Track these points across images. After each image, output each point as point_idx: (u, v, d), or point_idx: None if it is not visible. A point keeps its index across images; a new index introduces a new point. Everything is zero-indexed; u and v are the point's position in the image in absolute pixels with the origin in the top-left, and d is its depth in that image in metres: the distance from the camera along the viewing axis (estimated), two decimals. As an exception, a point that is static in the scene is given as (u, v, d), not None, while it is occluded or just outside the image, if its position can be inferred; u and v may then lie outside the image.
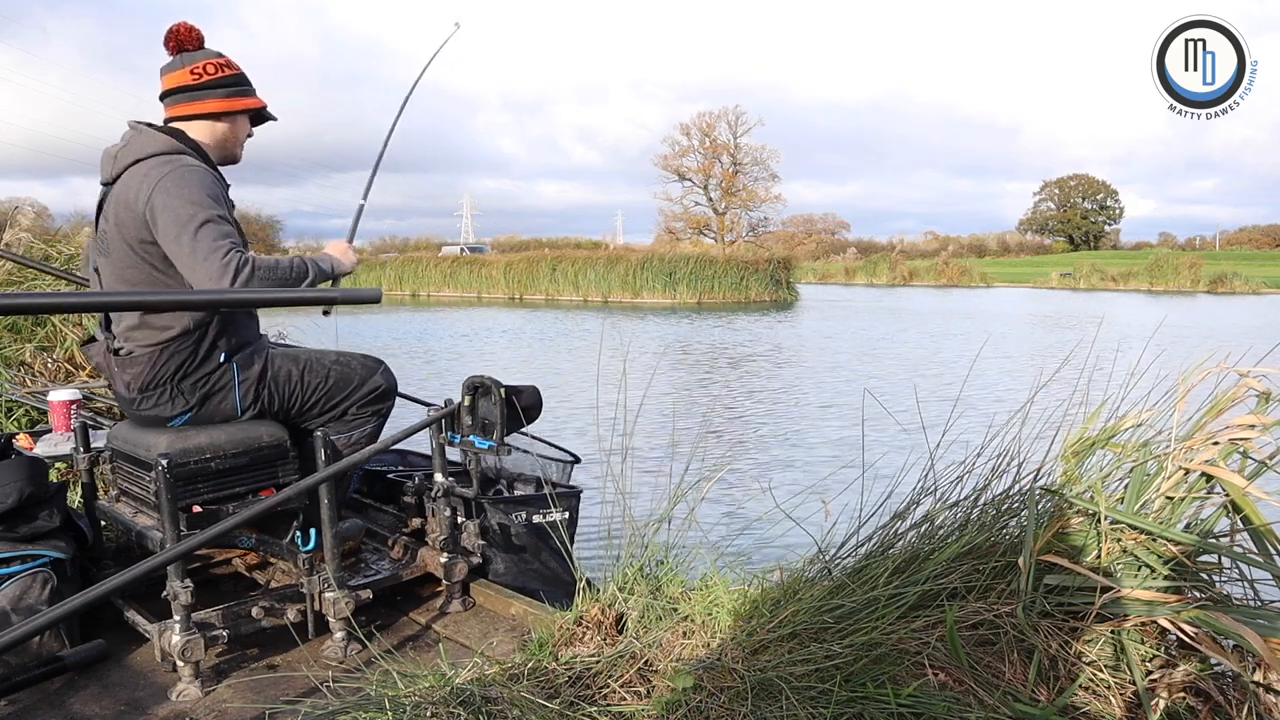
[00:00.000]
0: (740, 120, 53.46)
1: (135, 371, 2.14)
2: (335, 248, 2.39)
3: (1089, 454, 2.01)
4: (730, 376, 10.89)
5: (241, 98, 2.27)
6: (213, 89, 2.22)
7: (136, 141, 2.14)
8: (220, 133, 2.26)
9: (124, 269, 2.13)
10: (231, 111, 2.25)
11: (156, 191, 2.04)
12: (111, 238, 2.13)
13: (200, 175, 2.10)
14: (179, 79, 2.21)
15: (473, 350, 13.88)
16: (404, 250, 45.95)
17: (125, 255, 2.11)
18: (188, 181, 2.06)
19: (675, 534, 2.25)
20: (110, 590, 1.22)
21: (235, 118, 2.28)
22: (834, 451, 6.35)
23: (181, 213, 2.02)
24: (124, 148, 2.15)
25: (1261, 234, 70.81)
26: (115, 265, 2.14)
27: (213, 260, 2.00)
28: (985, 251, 70.36)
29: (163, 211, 2.04)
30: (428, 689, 1.67)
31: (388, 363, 2.51)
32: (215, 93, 2.22)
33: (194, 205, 2.03)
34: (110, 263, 2.15)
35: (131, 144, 2.14)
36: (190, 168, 2.10)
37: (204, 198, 2.05)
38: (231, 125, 2.28)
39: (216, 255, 2.00)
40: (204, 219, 2.02)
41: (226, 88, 2.24)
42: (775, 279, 27.66)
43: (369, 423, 2.43)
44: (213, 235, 2.02)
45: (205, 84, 2.21)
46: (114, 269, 2.15)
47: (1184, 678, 1.62)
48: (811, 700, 1.59)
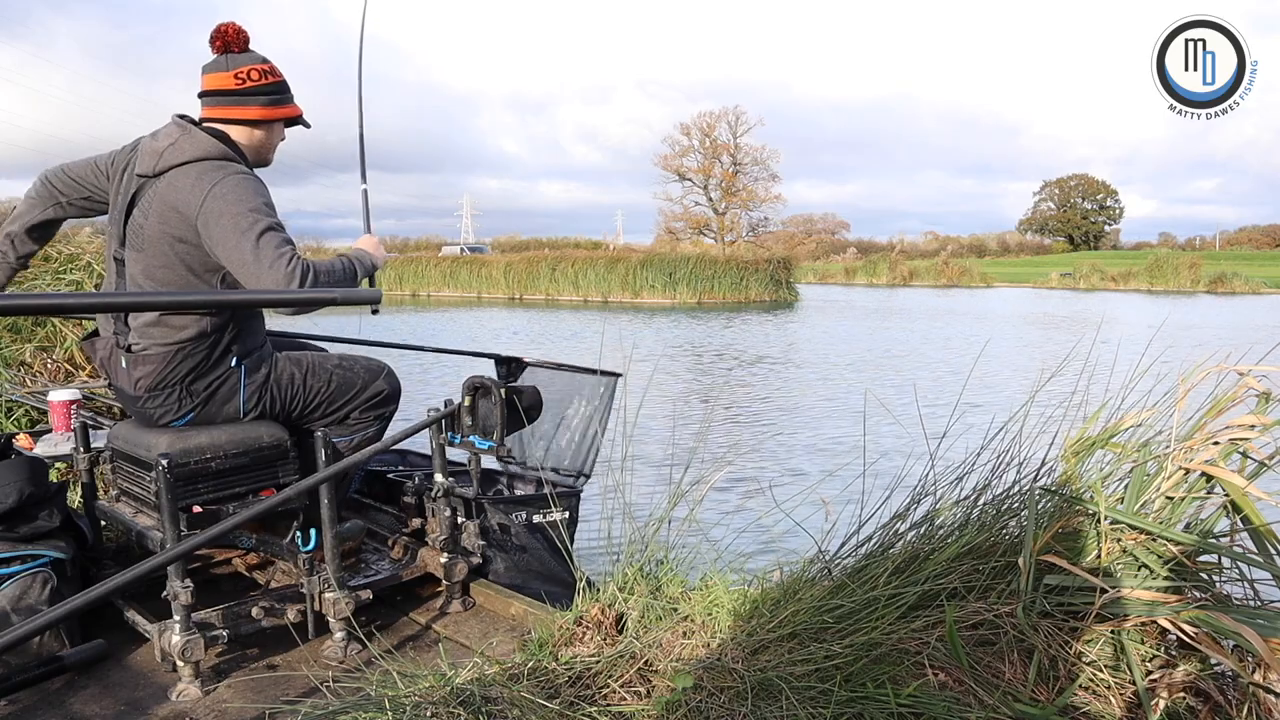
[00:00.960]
0: (740, 120, 53.53)
1: (146, 370, 2.11)
2: (367, 243, 2.36)
3: (1089, 454, 2.01)
4: (731, 376, 10.88)
5: (281, 106, 2.25)
6: (255, 95, 2.20)
7: (185, 142, 2.11)
8: (257, 139, 2.25)
9: (156, 267, 2.10)
10: (271, 120, 2.25)
11: (211, 197, 2.03)
12: (151, 234, 2.10)
13: (254, 183, 2.10)
14: (222, 81, 2.18)
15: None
16: (404, 250, 45.93)
17: (163, 254, 2.09)
18: (245, 189, 2.05)
19: (675, 534, 2.26)
20: (110, 590, 1.22)
21: (273, 125, 2.28)
22: (834, 451, 6.35)
23: (242, 221, 2.01)
24: (171, 146, 2.11)
25: (1261, 234, 70.77)
26: (147, 261, 2.11)
27: (279, 267, 1.99)
28: (985, 251, 70.34)
29: (219, 218, 2.02)
30: (428, 689, 1.68)
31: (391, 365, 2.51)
32: (257, 99, 2.20)
33: (254, 213, 2.03)
34: (142, 258, 2.12)
35: (180, 143, 2.11)
36: (244, 175, 2.10)
37: (261, 205, 2.05)
38: (268, 132, 2.27)
39: (282, 262, 2.00)
40: (265, 226, 2.02)
41: (269, 95, 2.22)
42: (775, 279, 27.65)
43: (371, 426, 2.43)
44: (275, 243, 2.02)
45: (248, 90, 2.19)
46: (144, 265, 2.12)
47: (1184, 678, 1.62)
48: (811, 700, 1.59)
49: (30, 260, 2.38)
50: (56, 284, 4.99)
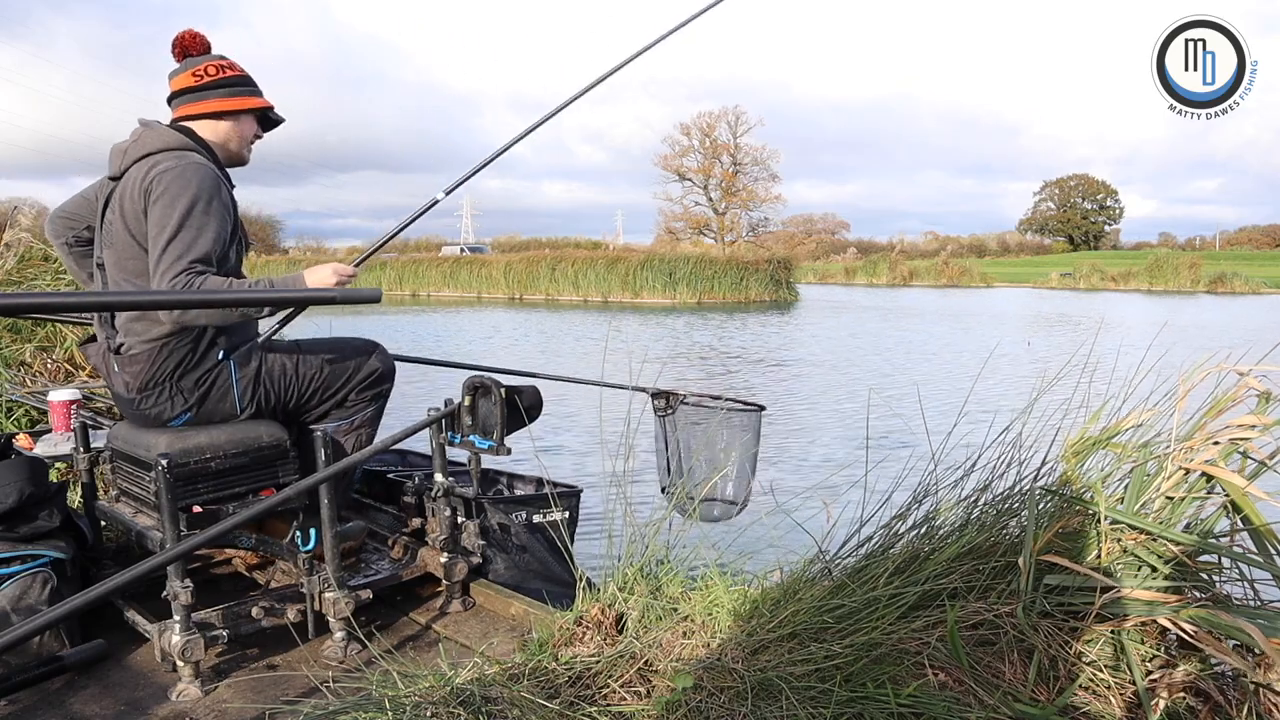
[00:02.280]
0: (740, 120, 53.56)
1: (135, 370, 2.14)
2: (315, 272, 2.28)
3: (1089, 454, 2.01)
4: (731, 376, 10.88)
5: (242, 97, 2.29)
6: (214, 88, 2.25)
7: (146, 137, 2.17)
8: (223, 131, 2.28)
9: (125, 259, 2.15)
10: (233, 110, 2.27)
11: (155, 183, 2.07)
12: (116, 228, 2.15)
13: (202, 174, 2.10)
14: (182, 81, 2.26)
15: (475, 350, 13.88)
16: (404, 250, 45.93)
17: (127, 245, 2.13)
18: (187, 181, 2.07)
19: (675, 534, 2.25)
20: (110, 590, 1.22)
21: (238, 117, 2.30)
22: (835, 451, 6.35)
23: (163, 218, 2.04)
24: (134, 143, 2.18)
25: (1261, 234, 70.72)
26: (118, 255, 2.16)
27: (162, 281, 2.01)
28: (985, 251, 70.29)
29: (153, 205, 2.06)
30: (428, 689, 1.67)
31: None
32: (216, 92, 2.26)
33: (177, 213, 2.03)
34: (114, 253, 2.17)
35: (142, 139, 2.17)
36: (195, 165, 2.11)
37: (192, 203, 2.05)
38: (235, 124, 2.29)
39: (166, 276, 2.01)
40: (175, 230, 2.02)
41: (228, 87, 2.27)
42: (775, 279, 27.65)
43: (369, 406, 2.43)
44: (174, 253, 2.02)
45: (207, 84, 2.25)
46: (116, 259, 2.17)
47: (1184, 678, 1.62)
48: (811, 700, 1.59)
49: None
50: (56, 284, 4.99)
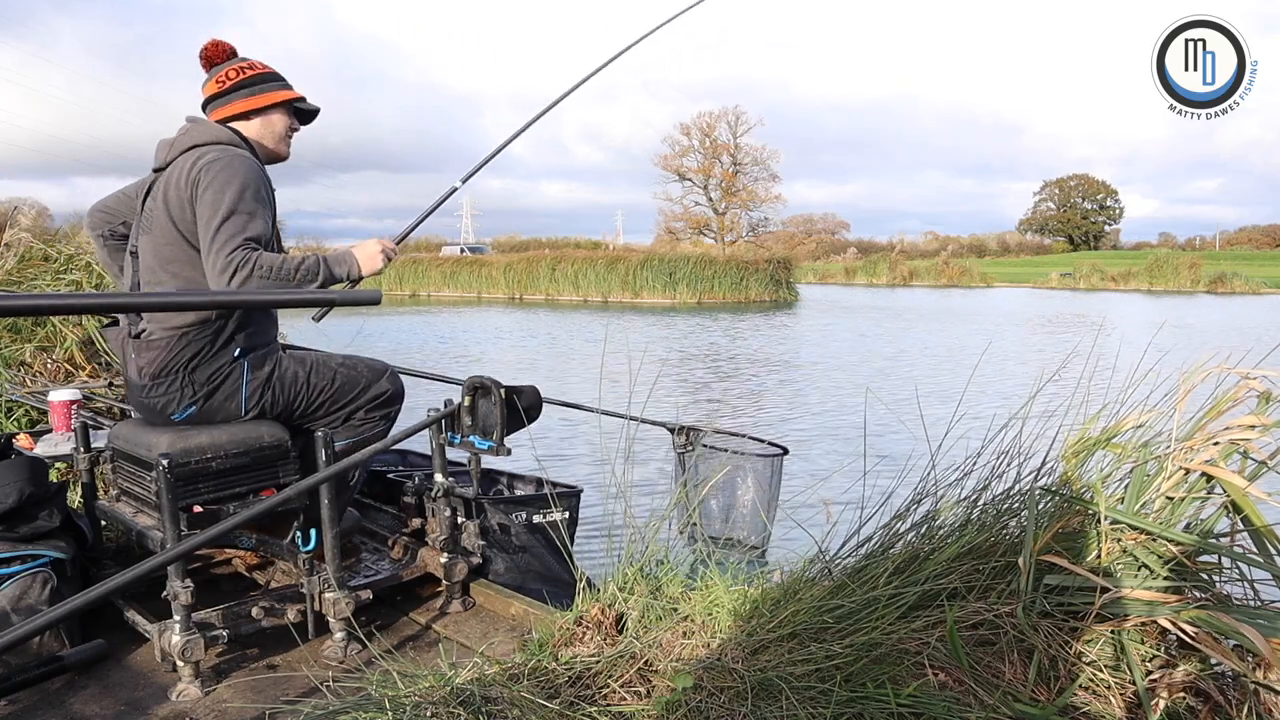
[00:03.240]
0: (740, 120, 53.53)
1: (151, 356, 2.16)
2: (364, 248, 2.34)
3: (1089, 454, 2.01)
4: (731, 376, 10.89)
5: (265, 94, 2.33)
6: (235, 91, 2.31)
7: (195, 130, 2.24)
8: (255, 130, 2.34)
9: (162, 245, 2.19)
10: (258, 109, 2.32)
11: (203, 173, 2.12)
12: (157, 215, 2.20)
13: (248, 166, 2.16)
14: (209, 89, 2.33)
15: (475, 349, 13.88)
16: (404, 250, 45.90)
17: (166, 231, 2.18)
18: (235, 170, 2.12)
19: (675, 534, 2.25)
20: (110, 590, 1.22)
21: (265, 114, 2.34)
22: (834, 451, 6.35)
23: (215, 202, 2.09)
24: (181, 135, 2.24)
25: (1261, 234, 70.68)
26: (155, 241, 2.20)
27: (219, 257, 2.05)
28: (985, 251, 70.26)
29: (203, 193, 2.10)
30: (428, 689, 1.67)
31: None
32: (239, 94, 2.32)
33: (229, 198, 2.09)
34: (151, 239, 2.22)
35: (190, 132, 2.24)
36: (241, 157, 2.17)
37: (242, 190, 2.11)
38: (264, 121, 2.34)
39: (223, 252, 2.05)
40: (228, 212, 2.07)
41: (248, 87, 2.32)
42: (775, 279, 27.65)
43: (376, 427, 2.43)
44: (229, 231, 2.07)
45: (229, 89, 2.31)
46: (153, 245, 2.21)
47: (1184, 678, 1.62)
48: (811, 700, 1.59)
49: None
50: (56, 284, 4.99)
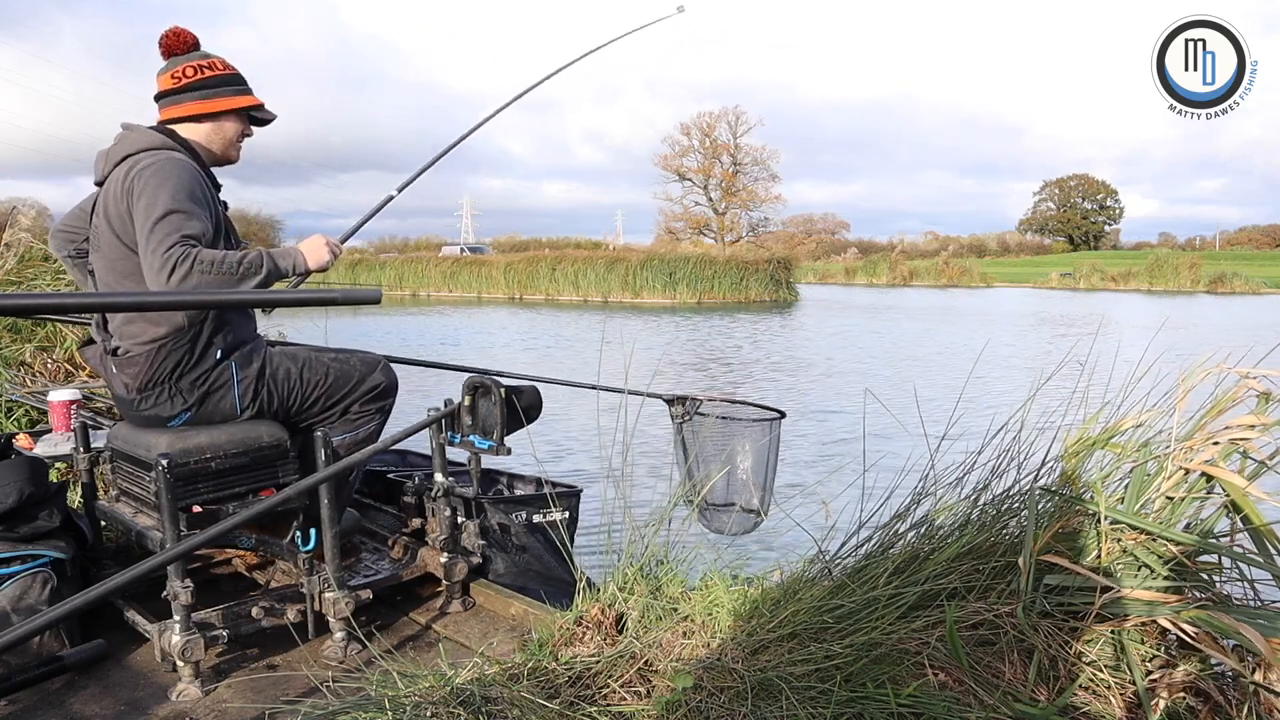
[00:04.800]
0: (740, 120, 53.57)
1: (133, 371, 2.13)
2: (310, 243, 2.29)
3: (1089, 454, 2.01)
4: (730, 376, 10.88)
5: (221, 99, 2.25)
6: (191, 91, 2.22)
7: (126, 139, 2.17)
8: (204, 133, 2.26)
9: (114, 260, 2.14)
10: (211, 113, 2.24)
11: (136, 180, 2.06)
12: (102, 231, 2.15)
13: (180, 167, 2.09)
14: (162, 83, 2.25)
15: (475, 350, 13.88)
16: (404, 250, 45.92)
17: (113, 246, 2.13)
18: (168, 173, 2.06)
19: (675, 534, 2.25)
20: (110, 590, 1.22)
21: (218, 119, 2.26)
22: (834, 451, 6.34)
23: (150, 205, 2.02)
24: (114, 147, 2.17)
25: (1261, 234, 70.66)
26: (106, 258, 2.16)
27: (155, 256, 1.98)
28: (985, 251, 70.26)
29: (138, 201, 2.04)
30: (428, 689, 1.67)
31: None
32: (193, 95, 2.23)
33: (163, 200, 2.02)
34: (102, 256, 2.17)
35: (121, 142, 2.17)
36: (173, 160, 2.10)
37: (175, 191, 2.04)
38: (216, 126, 2.26)
39: (159, 251, 1.98)
40: (163, 212, 2.00)
41: (205, 89, 2.23)
42: (775, 279, 27.65)
43: (372, 420, 2.42)
44: (165, 230, 2.00)
45: (183, 87, 2.22)
46: (105, 262, 2.16)
47: (1184, 678, 1.62)
48: (811, 700, 1.59)
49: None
50: (56, 284, 4.99)
